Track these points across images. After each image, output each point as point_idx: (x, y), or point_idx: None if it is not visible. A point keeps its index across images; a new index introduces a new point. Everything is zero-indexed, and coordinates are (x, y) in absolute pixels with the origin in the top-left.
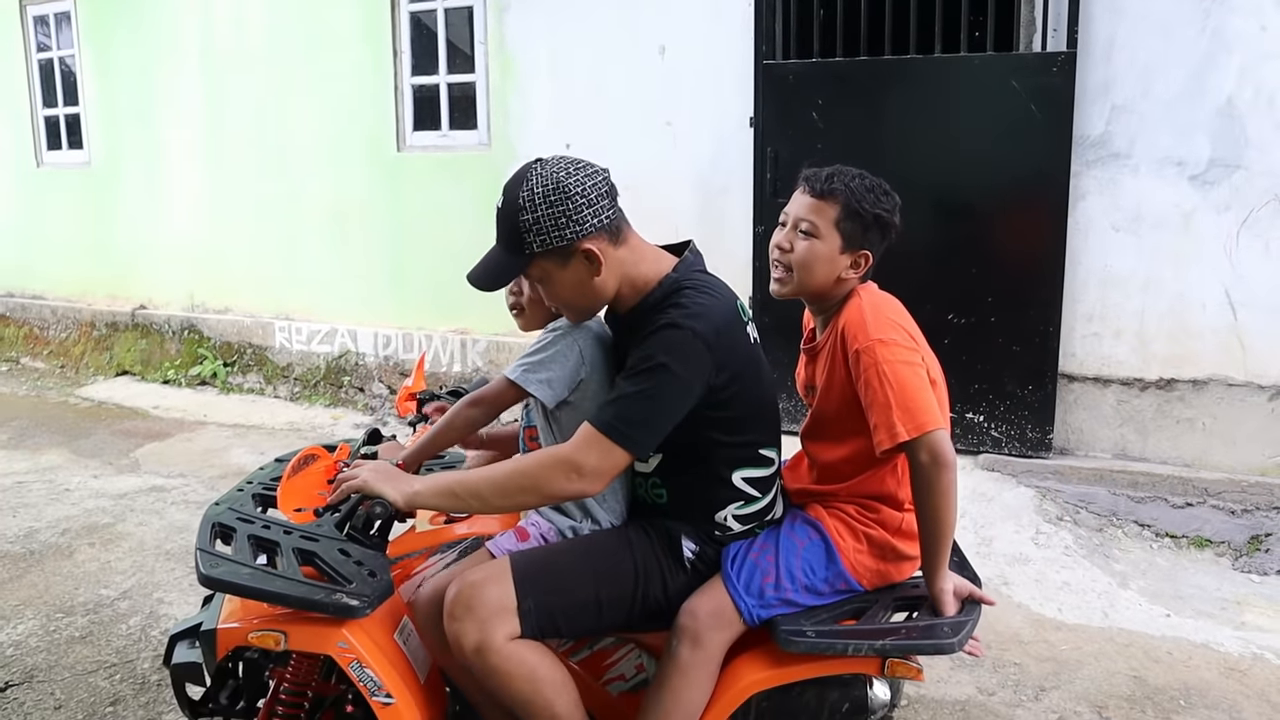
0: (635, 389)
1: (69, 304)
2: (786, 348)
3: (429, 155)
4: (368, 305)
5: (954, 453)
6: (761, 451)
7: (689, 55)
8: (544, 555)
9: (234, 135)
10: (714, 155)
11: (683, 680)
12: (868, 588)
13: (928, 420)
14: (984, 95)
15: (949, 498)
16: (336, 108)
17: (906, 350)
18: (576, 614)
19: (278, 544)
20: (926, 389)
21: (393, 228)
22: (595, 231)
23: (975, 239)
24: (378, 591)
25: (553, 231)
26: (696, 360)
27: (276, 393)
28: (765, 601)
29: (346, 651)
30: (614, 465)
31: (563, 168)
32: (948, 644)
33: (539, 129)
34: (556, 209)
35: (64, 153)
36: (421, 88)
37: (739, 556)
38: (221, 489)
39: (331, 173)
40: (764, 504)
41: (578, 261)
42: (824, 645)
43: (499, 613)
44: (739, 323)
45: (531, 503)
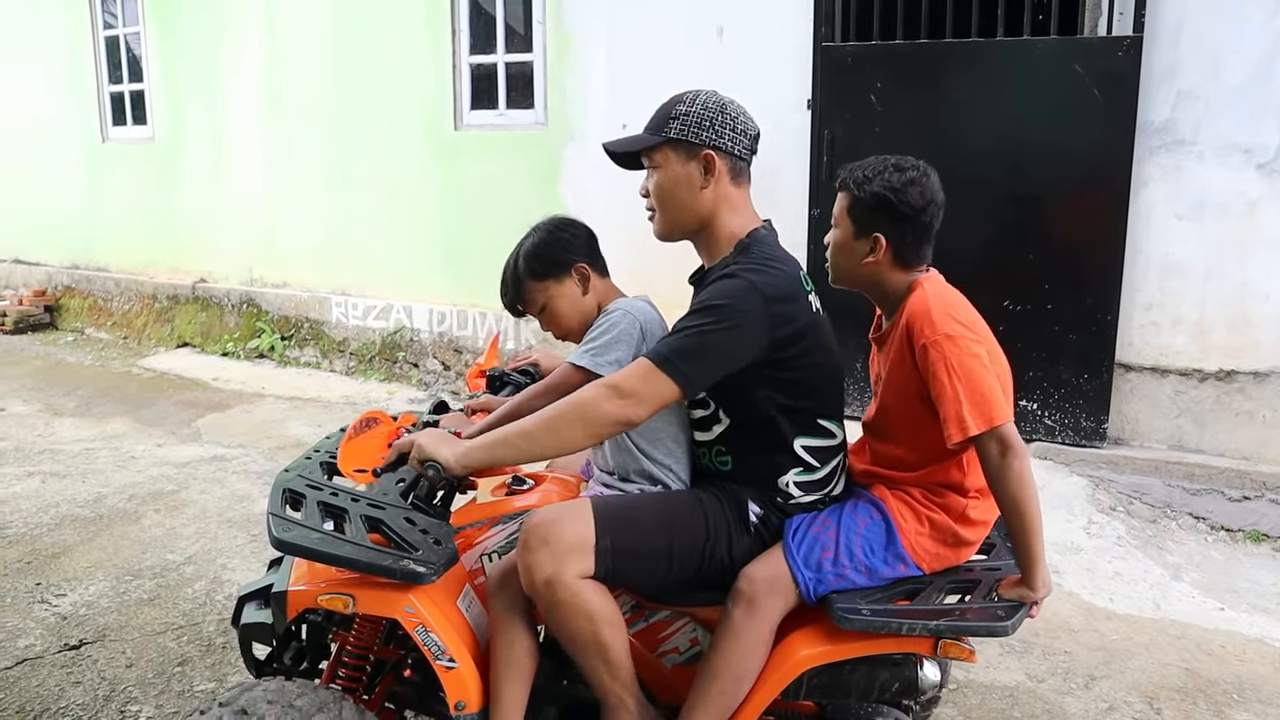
0: (687, 325)
1: (132, 277)
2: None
3: (486, 134)
4: (423, 282)
5: (1021, 442)
6: (821, 422)
7: (747, 36)
8: (623, 501)
9: (294, 112)
10: (770, 137)
11: (735, 643)
12: (926, 570)
13: (996, 414)
14: (1046, 79)
15: (1026, 485)
16: (395, 86)
17: (973, 343)
18: (649, 560)
19: (346, 511)
20: (993, 382)
21: (449, 206)
22: (724, 152)
23: (1033, 225)
24: (443, 559)
25: (695, 128)
26: (751, 309)
27: (332, 367)
28: (822, 576)
29: (413, 616)
30: (658, 393)
31: (730, 99)
32: (1001, 627)
33: (596, 108)
34: (709, 114)
35: (128, 128)
36: (479, 67)
37: (801, 529)
38: (280, 460)
39: (389, 150)
40: (824, 474)
41: (697, 164)
42: (879, 623)
43: (575, 549)
44: (801, 291)
45: (579, 433)
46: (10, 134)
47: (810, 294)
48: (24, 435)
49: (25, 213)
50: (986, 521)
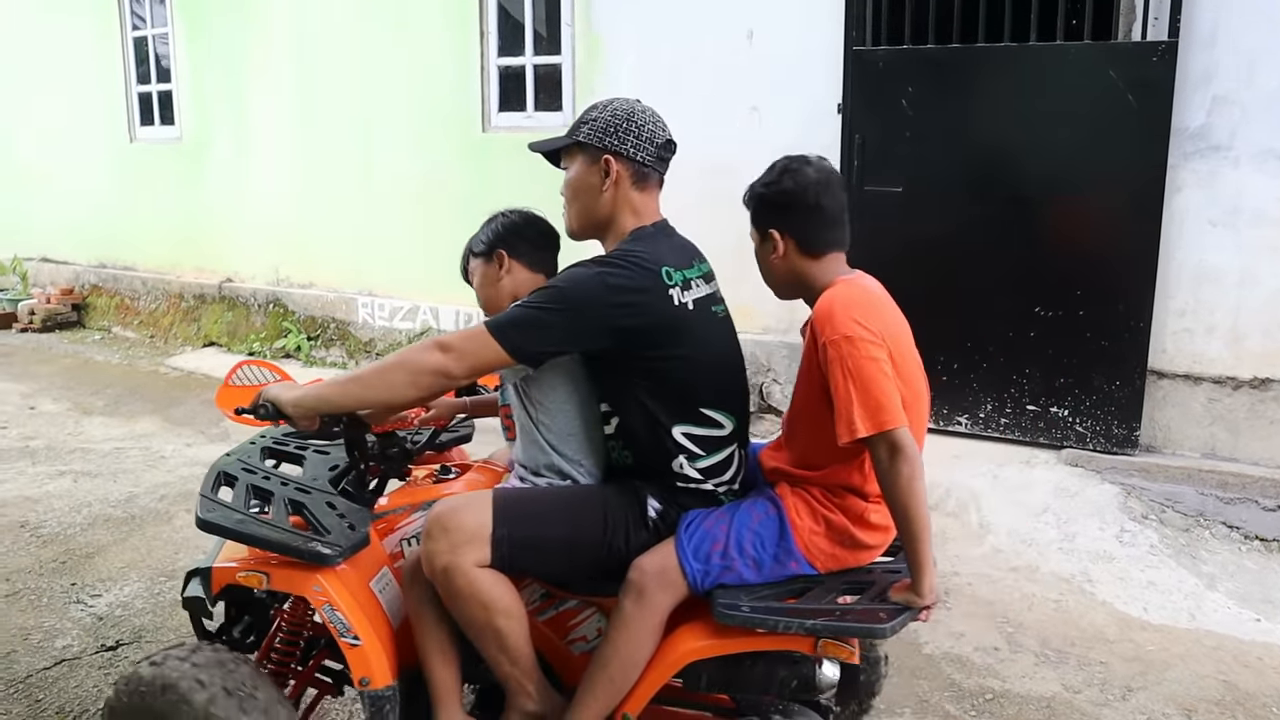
0: (526, 301)
1: (159, 275)
2: None
3: (514, 136)
4: (449, 283)
5: (914, 448)
6: (705, 411)
7: (777, 40)
8: (526, 493)
9: (321, 113)
10: (800, 141)
11: (624, 633)
12: (821, 570)
13: (888, 418)
14: (1080, 84)
15: (914, 492)
16: (423, 87)
17: (872, 346)
18: (546, 552)
19: (273, 494)
20: (888, 386)
21: (476, 208)
22: (626, 159)
23: (1065, 231)
24: (351, 543)
25: (600, 134)
26: (589, 298)
27: (358, 367)
28: (710, 568)
29: (319, 594)
30: (480, 352)
31: (642, 108)
32: (879, 629)
33: None
34: (616, 121)
35: (156, 128)
36: (507, 69)
37: (695, 522)
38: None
39: (416, 152)
40: (714, 461)
41: (599, 168)
42: (756, 619)
43: (472, 538)
44: (657, 286)
45: (402, 379)
46: (40, 134)
47: (675, 288)
48: (55, 434)
49: (53, 212)
50: (888, 527)
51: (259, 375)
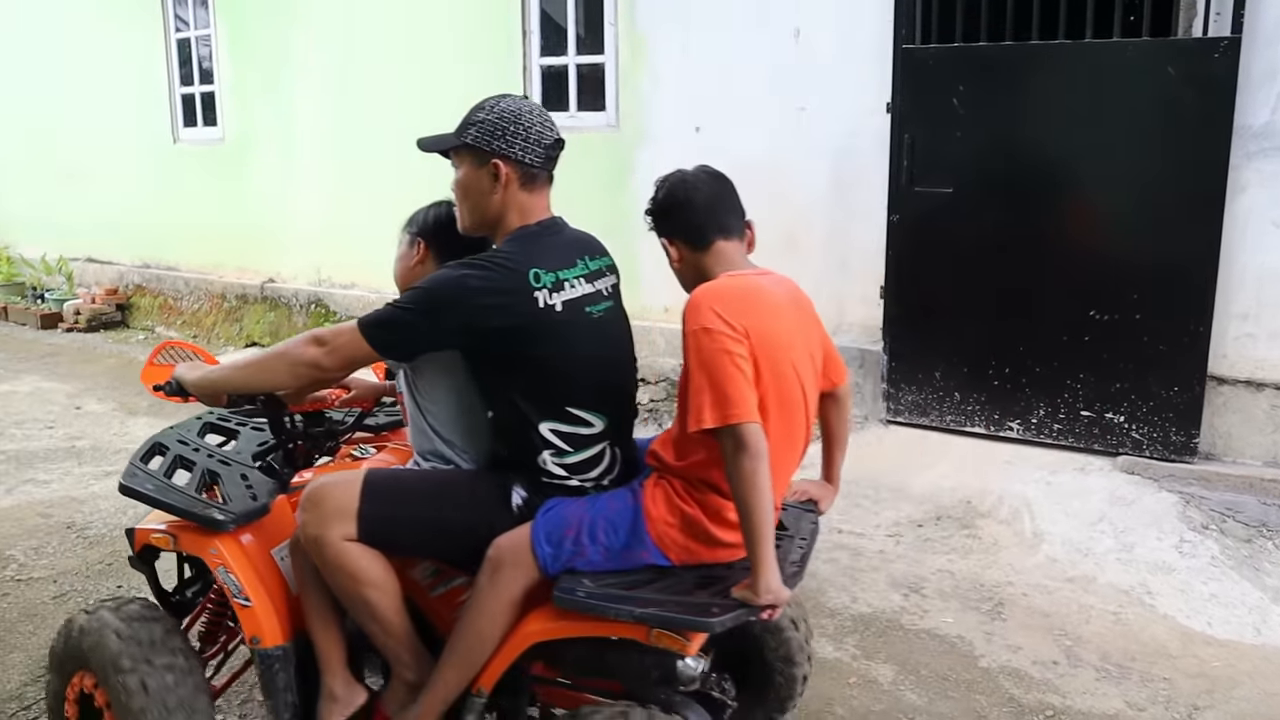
0: (396, 300)
1: (201, 276)
2: None
3: None
4: None
5: (761, 445)
6: (572, 410)
7: (824, 38)
8: (398, 474)
9: (361, 113)
10: (847, 141)
11: (476, 610)
12: (675, 561)
13: (734, 412)
14: (1138, 83)
15: (754, 488)
16: (465, 86)
17: (729, 340)
18: (411, 530)
19: (194, 464)
20: (740, 380)
21: None
22: (513, 161)
23: (1121, 233)
24: (246, 512)
25: (487, 136)
26: (450, 299)
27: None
28: (560, 552)
29: (215, 557)
30: (349, 348)
31: (530, 108)
32: (705, 623)
33: (668, 111)
34: (502, 124)
35: (199, 129)
36: (549, 69)
37: (555, 507)
38: None
39: None
40: (581, 459)
41: (487, 171)
42: (588, 605)
43: (339, 513)
44: (523, 288)
45: (281, 368)
46: (85, 135)
47: (542, 290)
48: (100, 434)
49: (98, 212)
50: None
51: (178, 355)
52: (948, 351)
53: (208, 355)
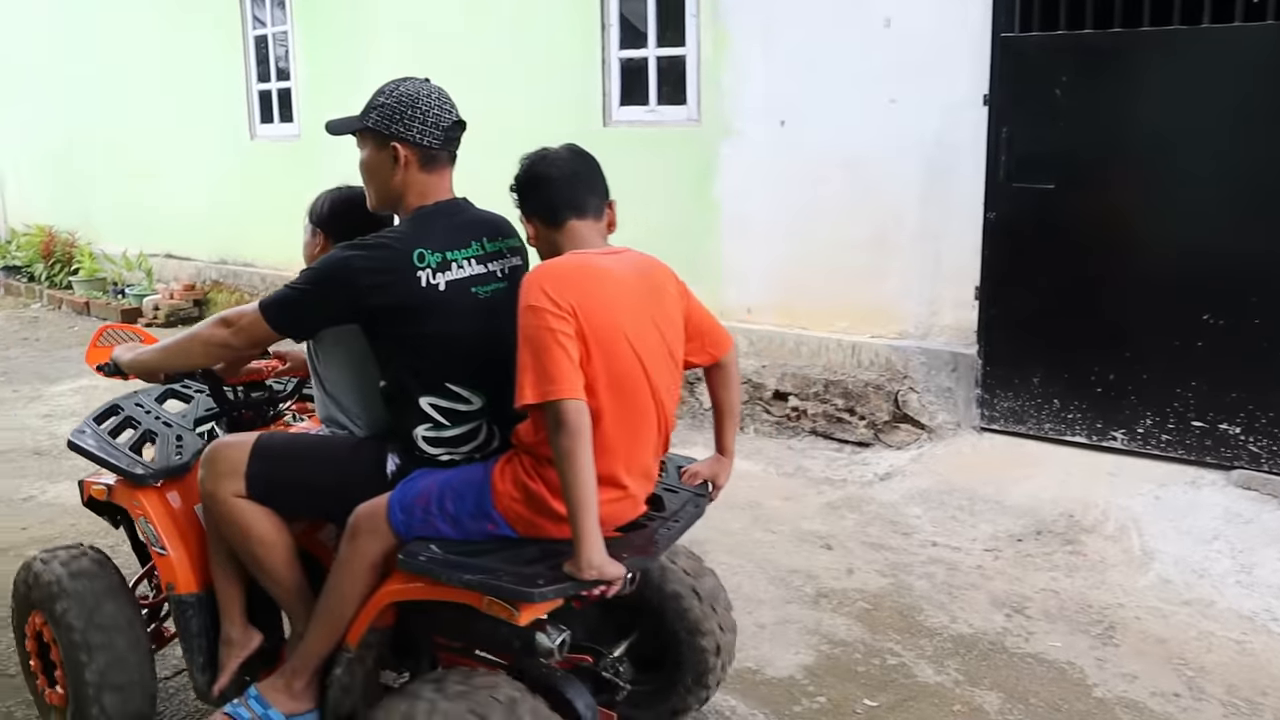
0: (292, 281)
1: (276, 272)
2: None
3: (635, 130)
4: None
5: (580, 423)
6: (451, 386)
7: (917, 27)
8: (285, 437)
9: None
10: (941, 134)
11: (337, 571)
12: (520, 534)
13: (552, 389)
14: (1261, 70)
15: (571, 465)
16: (541, 82)
17: (554, 318)
18: (294, 491)
19: (139, 424)
20: (561, 358)
21: None
22: (412, 144)
23: (1239, 231)
24: (165, 469)
25: (386, 120)
26: (336, 279)
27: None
28: (413, 520)
29: (138, 509)
30: (252, 329)
31: (429, 91)
32: (526, 593)
33: (752, 104)
34: (401, 107)
35: (275, 126)
36: (629, 61)
37: (416, 477)
38: None
39: (534, 146)
40: (455, 434)
41: (388, 153)
42: (424, 569)
43: (229, 472)
44: (406, 268)
45: (197, 349)
46: (165, 132)
47: (426, 270)
48: None
49: (177, 208)
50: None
51: (119, 337)
52: (1047, 356)
53: (148, 336)
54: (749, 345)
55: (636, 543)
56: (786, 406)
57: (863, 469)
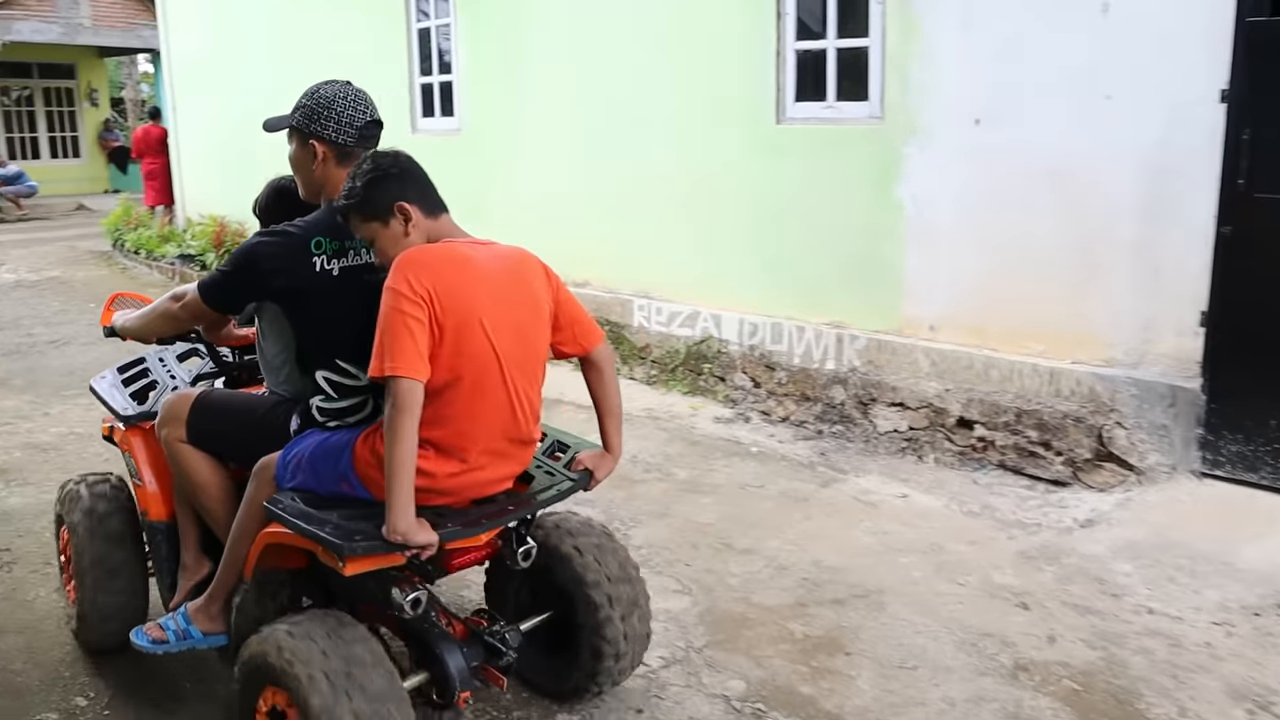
0: (219, 264)
1: None
2: None
3: (811, 128)
4: (735, 289)
5: (408, 400)
6: (340, 362)
7: (1141, 12)
8: (223, 395)
9: (600, 103)
10: (1166, 136)
11: (239, 512)
12: (376, 498)
13: (389, 365)
14: None
15: (393, 436)
16: (710, 75)
17: (407, 301)
18: (217, 439)
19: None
20: (404, 337)
21: (767, 207)
22: (328, 141)
23: None
24: (145, 413)
25: (306, 119)
26: (246, 263)
27: (632, 374)
28: (288, 473)
29: (124, 445)
30: (193, 303)
31: (345, 94)
32: (338, 546)
33: (943, 100)
34: (319, 108)
35: (436, 119)
36: (806, 53)
37: (304, 436)
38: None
39: (702, 145)
40: (344, 405)
41: (308, 149)
42: (274, 514)
43: (173, 419)
44: (303, 255)
45: (155, 319)
46: None
47: (323, 257)
48: None
49: None
50: (436, 476)
51: (126, 303)
52: None
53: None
54: (930, 366)
55: (473, 515)
56: (971, 436)
57: (1059, 512)
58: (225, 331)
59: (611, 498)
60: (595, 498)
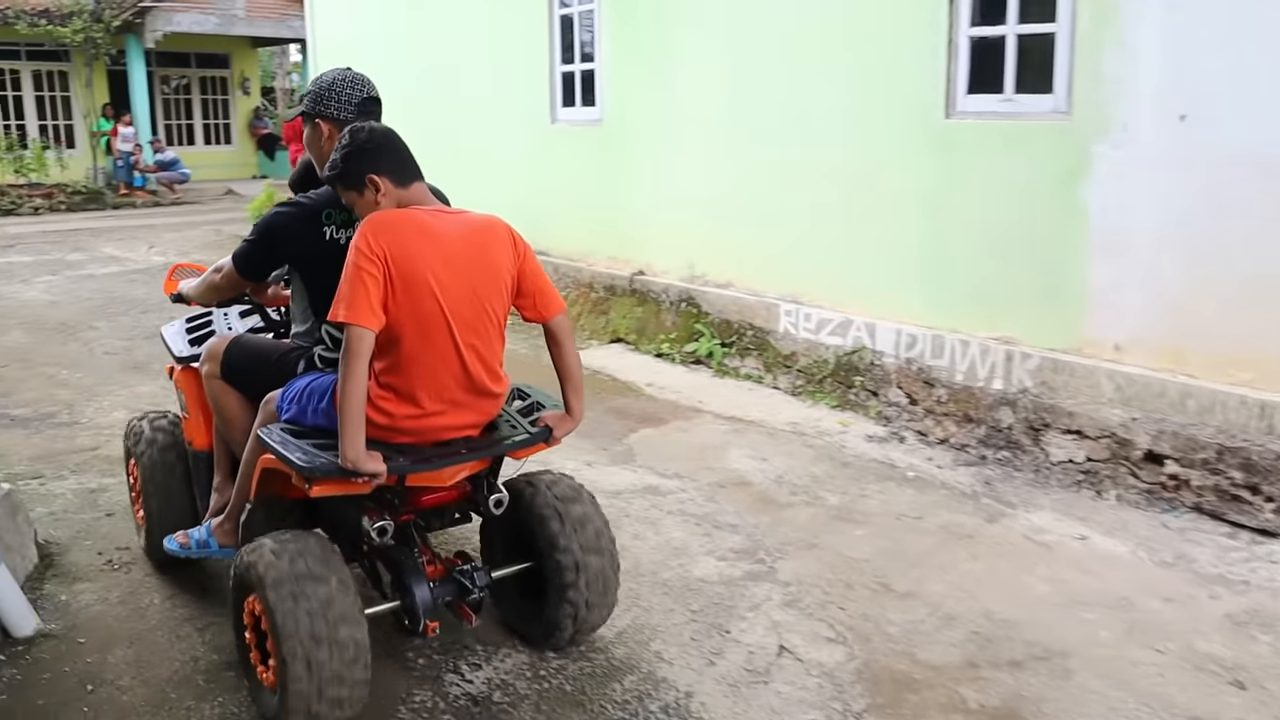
0: (246, 236)
1: (571, 263)
2: None
3: (986, 123)
4: (892, 297)
5: (358, 344)
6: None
7: None
8: (253, 341)
9: (751, 93)
10: None
11: (250, 439)
12: None
13: (343, 312)
14: None
15: (345, 379)
16: (875, 65)
17: (363, 258)
18: (242, 375)
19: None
20: (358, 289)
21: (932, 209)
22: (330, 119)
23: None
24: (193, 355)
25: (311, 102)
26: (267, 231)
27: (776, 383)
28: (287, 408)
29: (178, 384)
30: (230, 273)
31: (343, 77)
32: (295, 463)
33: (1142, 94)
34: (320, 92)
35: (576, 109)
36: (982, 41)
37: (303, 377)
38: (720, 498)
39: (861, 139)
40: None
41: (316, 128)
42: (262, 441)
43: (213, 358)
44: (313, 224)
45: (205, 288)
46: (471, 114)
47: (330, 227)
48: None
49: (475, 192)
50: (394, 417)
51: (186, 274)
52: None
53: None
54: (1114, 391)
55: (427, 454)
56: (1161, 472)
57: (1271, 569)
58: (271, 293)
59: (756, 523)
60: (739, 522)
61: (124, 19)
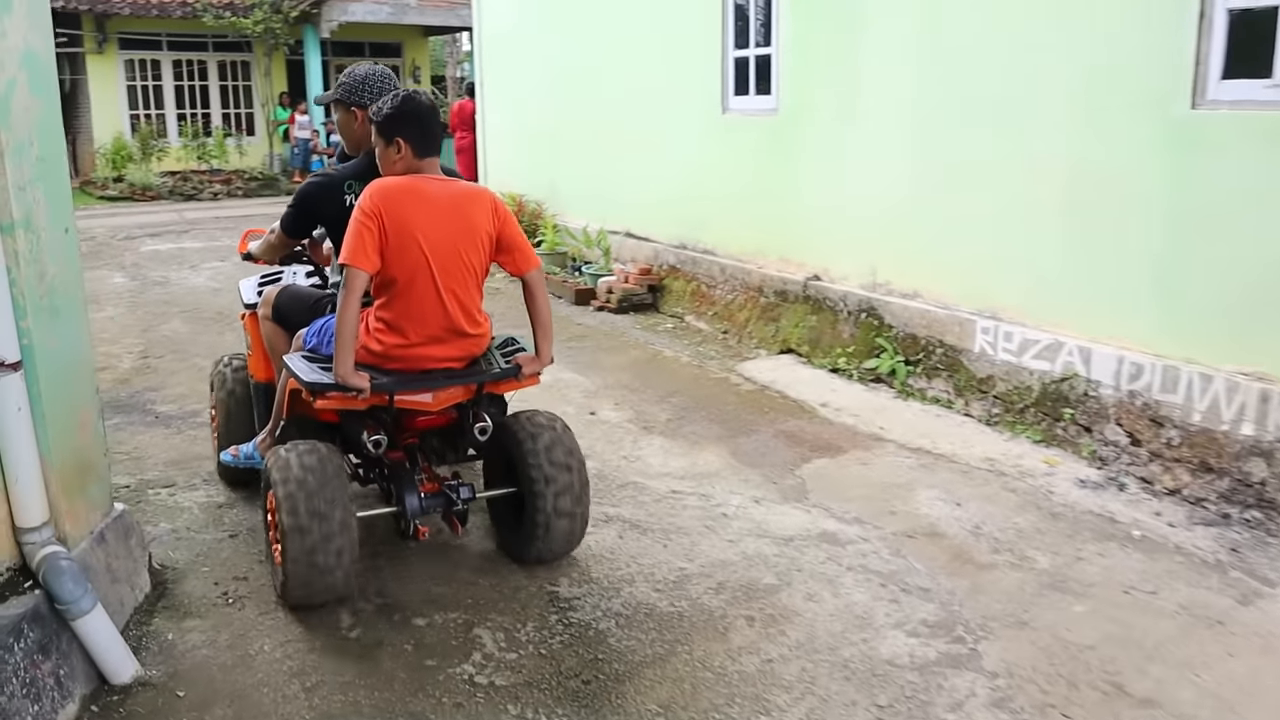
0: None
1: (738, 263)
2: None
3: (1244, 114)
4: (1114, 318)
5: (354, 285)
6: None
7: None
8: (297, 288)
9: (948, 82)
10: None
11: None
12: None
13: (347, 256)
14: None
15: (341, 310)
16: (1102, 45)
17: (364, 215)
18: (287, 316)
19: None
20: (356, 239)
21: (1169, 217)
22: (362, 107)
23: None
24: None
25: (348, 93)
26: (302, 199)
27: (968, 409)
28: (310, 340)
29: (246, 327)
30: (280, 233)
31: (374, 73)
32: (297, 375)
33: None
34: (354, 84)
35: (750, 98)
36: (1242, 14)
37: (328, 316)
38: (908, 552)
39: (1080, 133)
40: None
41: (350, 114)
42: (284, 364)
43: (267, 302)
44: (339, 191)
45: (266, 248)
46: (635, 102)
47: (351, 195)
48: (610, 456)
49: (640, 185)
50: (386, 345)
51: (255, 236)
52: None
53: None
54: None
55: (409, 378)
56: None
57: None
58: (326, 250)
59: (952, 587)
60: (932, 585)
61: (301, 10)
